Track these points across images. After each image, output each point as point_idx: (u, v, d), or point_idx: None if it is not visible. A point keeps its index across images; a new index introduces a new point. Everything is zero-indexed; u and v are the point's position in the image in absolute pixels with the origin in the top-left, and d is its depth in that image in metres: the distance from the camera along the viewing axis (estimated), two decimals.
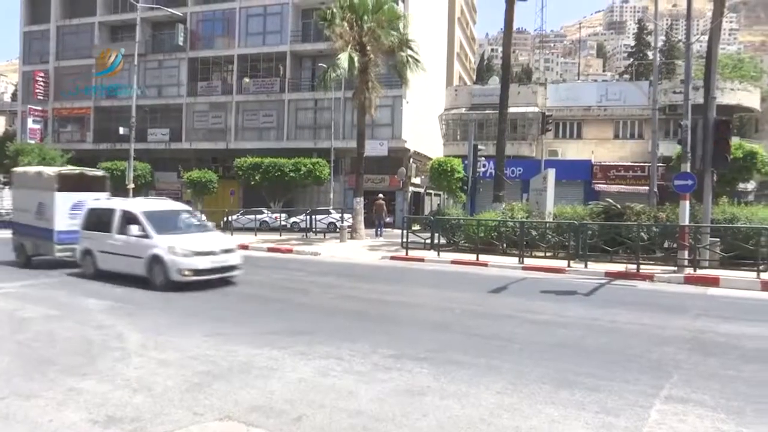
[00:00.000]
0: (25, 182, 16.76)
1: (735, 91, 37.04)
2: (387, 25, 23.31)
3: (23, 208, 16.35)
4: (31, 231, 15.76)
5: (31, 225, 15.73)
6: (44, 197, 15.44)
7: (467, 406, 5.24)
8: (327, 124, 36.78)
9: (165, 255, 11.78)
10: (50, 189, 15.36)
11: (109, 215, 13.30)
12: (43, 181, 15.76)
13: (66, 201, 15.25)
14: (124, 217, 12.87)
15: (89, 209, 14.25)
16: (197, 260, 11.85)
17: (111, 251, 12.94)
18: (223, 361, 6.58)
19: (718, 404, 5.27)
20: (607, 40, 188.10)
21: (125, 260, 12.58)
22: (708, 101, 15.11)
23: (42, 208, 15.49)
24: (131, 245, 12.38)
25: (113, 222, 13.02)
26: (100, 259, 13.35)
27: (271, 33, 40.16)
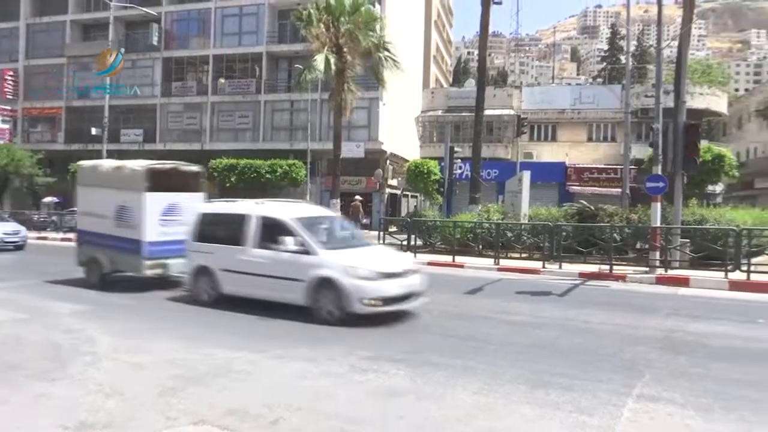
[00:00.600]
0: (97, 180, 13.09)
1: (704, 95, 37.91)
2: (364, 27, 23.31)
3: (95, 213, 12.78)
4: (107, 242, 12.39)
5: (108, 234, 12.34)
6: (128, 199, 12.07)
7: (444, 407, 5.27)
8: (303, 125, 36.61)
9: (341, 278, 8.72)
10: (137, 189, 12.00)
11: (239, 223, 10.08)
12: (126, 178, 12.35)
13: (157, 204, 12.03)
14: (268, 225, 9.78)
15: (203, 214, 11.08)
16: (386, 285, 8.82)
17: (245, 270, 9.74)
18: (199, 365, 6.51)
19: (687, 402, 5.38)
20: (581, 44, 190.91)
21: (270, 283, 9.45)
22: (678, 105, 15.42)
23: (124, 213, 12.14)
24: (282, 263, 9.29)
25: (248, 232, 9.87)
26: (226, 281, 10.10)
27: (247, 33, 39.84)
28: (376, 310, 8.69)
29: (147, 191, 11.95)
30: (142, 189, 11.96)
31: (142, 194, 11.91)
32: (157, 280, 12.24)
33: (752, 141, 49.37)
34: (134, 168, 12.39)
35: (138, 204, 11.94)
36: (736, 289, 12.59)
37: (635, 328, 8.79)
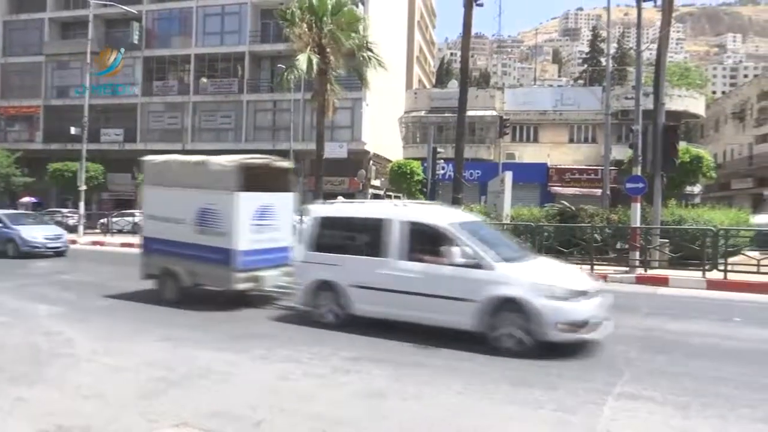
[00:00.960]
0: (171, 178, 11.10)
1: (682, 97, 38.47)
2: (347, 28, 23.28)
3: (169, 217, 10.85)
4: (186, 251, 10.50)
5: (188, 243, 10.48)
6: (214, 200, 10.26)
7: (428, 408, 5.29)
8: (286, 125, 36.44)
9: (531, 298, 7.13)
10: (226, 188, 10.14)
11: (376, 229, 8.39)
12: (212, 175, 10.42)
13: (250, 206, 10.23)
14: (418, 232, 8.19)
15: (323, 218, 9.20)
16: (582, 306, 7.26)
17: (388, 287, 8.09)
18: (181, 367, 6.46)
19: (666, 400, 5.46)
20: (563, 46, 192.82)
21: (424, 303, 7.79)
22: (657, 107, 15.65)
23: (209, 217, 10.28)
24: (442, 279, 7.69)
25: (390, 240, 8.18)
26: (359, 298, 8.35)
27: (230, 33, 39.57)
28: (573, 337, 7.15)
29: (239, 191, 10.05)
30: (232, 188, 10.03)
31: (234, 194, 10.01)
32: (234, 294, 10.53)
33: (729, 143, 50.29)
34: (222, 164, 10.43)
35: (228, 206, 10.06)
36: (713, 288, 12.80)
37: (615, 328, 8.87)
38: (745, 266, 13.99)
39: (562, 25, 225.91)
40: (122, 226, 29.59)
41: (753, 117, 46.42)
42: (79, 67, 37.05)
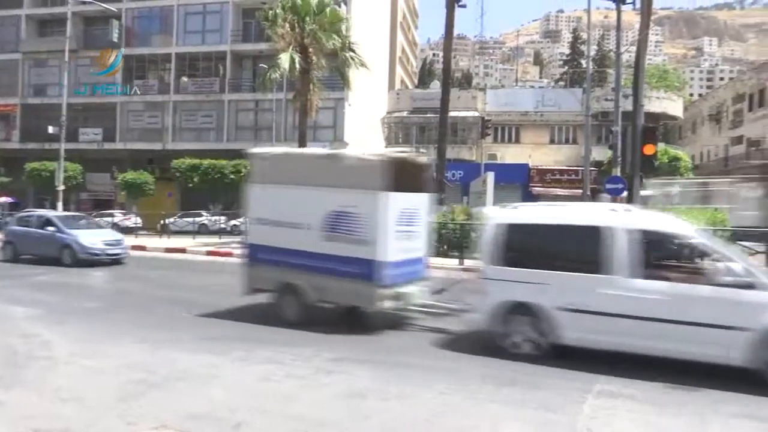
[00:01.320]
0: (290, 174, 9.22)
1: (661, 99, 39.06)
2: (329, 28, 23.23)
3: (286, 221, 8.99)
4: (311, 262, 8.73)
5: (312, 252, 8.72)
6: (350, 202, 8.47)
7: (410, 407, 5.29)
8: (268, 125, 36.24)
9: None
10: (368, 186, 8.35)
11: (591, 239, 6.90)
12: (349, 171, 8.66)
13: (395, 209, 8.50)
14: (656, 243, 6.96)
15: (510, 226, 7.57)
16: None
17: (616, 311, 6.58)
18: (160, 369, 6.38)
19: (646, 397, 5.53)
20: (544, 48, 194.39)
21: (673, 332, 6.31)
22: (636, 109, 15.85)
23: (343, 222, 8.49)
24: (701, 303, 6.27)
25: (613, 252, 6.69)
26: (573, 325, 6.80)
27: (211, 32, 39.25)
28: None
29: (387, 190, 8.30)
30: (378, 187, 8.27)
31: (380, 195, 8.25)
32: (358, 313, 9.08)
33: (705, 144, 51.13)
34: (364, 158, 8.76)
35: (371, 209, 8.29)
36: None
37: None
38: None
39: (543, 27, 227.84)
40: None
41: (728, 119, 47.24)
42: (57, 66, 36.50)
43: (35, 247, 17.13)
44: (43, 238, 16.71)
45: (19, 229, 17.79)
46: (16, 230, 17.90)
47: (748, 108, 44.06)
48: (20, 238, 17.42)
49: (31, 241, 17.12)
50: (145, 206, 34.73)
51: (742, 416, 5.13)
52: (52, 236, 16.52)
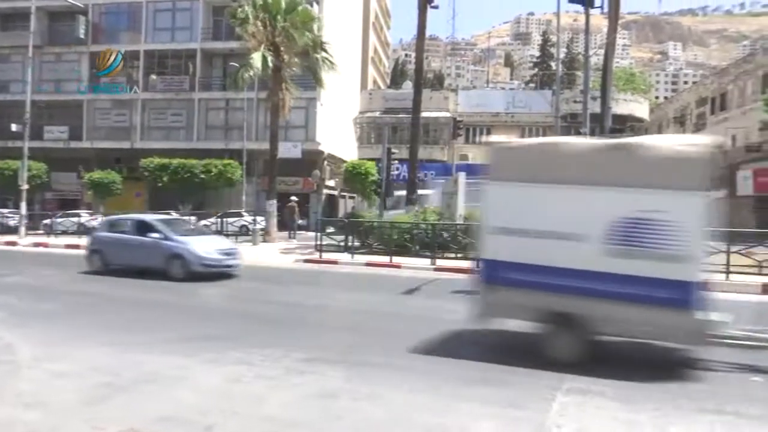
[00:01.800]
0: (553, 169, 7.24)
1: (628, 102, 39.94)
2: (301, 27, 23.14)
3: (548, 230, 7.06)
4: (591, 284, 6.78)
5: (592, 271, 6.78)
6: (654, 205, 6.58)
7: (380, 407, 5.30)
8: (239, 124, 35.90)
9: None
10: (682, 186, 6.49)
11: None
12: (651, 165, 6.65)
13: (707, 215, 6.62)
14: None
15: None
16: None
17: None
18: (127, 371, 6.26)
19: (614, 394, 5.64)
20: (514, 50, 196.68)
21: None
22: (604, 111, 16.17)
23: (641, 233, 6.61)
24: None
25: None
26: None
27: (181, 29, 38.69)
28: None
29: (706, 190, 6.56)
30: (696, 186, 6.48)
31: (699, 197, 6.46)
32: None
33: None
34: (678, 147, 6.74)
35: (686, 215, 6.47)
36: None
37: None
38: None
39: (514, 29, 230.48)
40: (67, 227, 28.57)
41: (692, 122, 48.47)
42: (21, 61, 35.59)
43: (132, 257, 14.40)
44: (144, 247, 14.05)
45: (109, 236, 15.16)
46: (105, 237, 15.26)
47: (710, 111, 45.28)
48: (111, 246, 14.77)
49: (127, 249, 14.41)
50: (112, 206, 34.02)
51: (702, 410, 5.28)
52: (156, 244, 13.86)
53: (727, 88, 43.20)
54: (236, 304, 11.52)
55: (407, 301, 11.59)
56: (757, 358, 6.80)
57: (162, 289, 12.58)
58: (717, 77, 47.32)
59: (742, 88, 41.02)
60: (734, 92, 42.11)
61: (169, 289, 12.51)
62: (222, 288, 12.94)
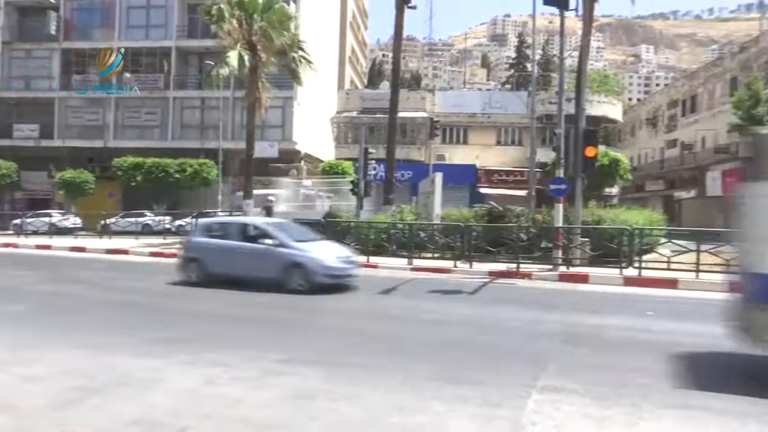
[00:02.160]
0: None
1: (601, 103, 40.50)
2: (278, 26, 23.02)
3: None
4: None
5: None
6: None
7: (357, 407, 5.29)
8: (215, 123, 35.56)
9: None
10: None
11: None
12: None
13: None
14: None
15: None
16: None
17: None
18: (100, 374, 6.16)
19: (587, 391, 5.71)
20: (491, 51, 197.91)
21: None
22: (578, 112, 16.36)
23: None
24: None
25: None
26: None
27: (155, 27, 38.19)
28: None
29: None
30: None
31: None
32: None
33: (643, 147, 53.33)
34: None
35: None
36: (629, 284, 13.52)
37: (540, 323, 9.23)
38: (657, 263, 14.87)
39: (491, 30, 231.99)
40: (38, 227, 28.01)
41: (664, 123, 49.43)
42: None
43: (238, 266, 12.65)
44: (255, 255, 12.40)
45: (210, 242, 13.30)
46: (205, 243, 13.36)
47: (681, 113, 46.23)
48: (212, 254, 12.96)
49: (233, 257, 12.71)
50: (84, 206, 33.49)
51: (672, 406, 5.38)
52: (270, 252, 12.25)
53: (697, 91, 44.13)
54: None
55: (384, 301, 11.60)
56: None
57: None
58: (687, 80, 48.32)
59: (711, 91, 41.94)
60: (704, 95, 43.05)
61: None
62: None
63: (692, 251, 14.17)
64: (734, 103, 30.66)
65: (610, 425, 4.92)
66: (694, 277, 13.48)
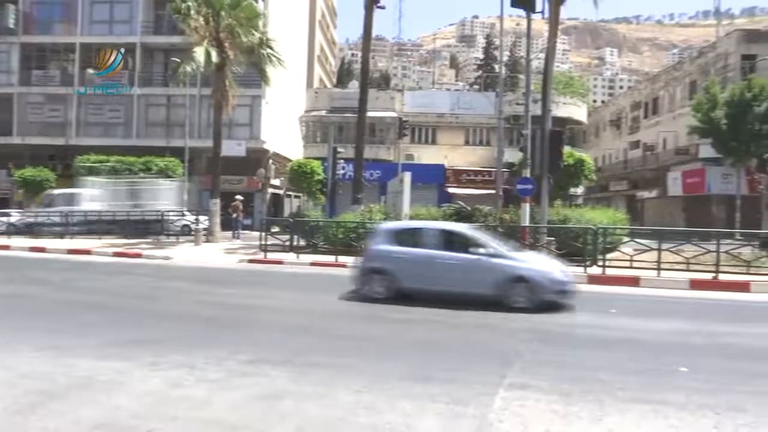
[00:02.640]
0: None
1: (567, 105, 41.18)
2: (246, 23, 22.77)
3: None
4: None
5: None
6: None
7: (325, 407, 5.28)
8: (181, 121, 34.93)
9: None
10: None
11: None
12: None
13: None
14: None
15: None
16: None
17: None
18: (61, 377, 6.00)
19: (552, 388, 5.81)
20: (460, 52, 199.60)
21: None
22: (545, 114, 16.63)
23: None
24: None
25: None
26: None
27: (119, 22, 37.31)
28: None
29: None
30: None
31: None
32: None
33: (607, 148, 54.46)
34: None
35: None
36: (594, 282, 13.80)
37: (507, 322, 9.35)
38: (620, 262, 15.23)
39: (459, 31, 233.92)
40: None
41: (627, 125, 50.58)
42: None
43: (441, 280, 10.89)
44: (464, 266, 10.74)
45: (403, 251, 11.35)
46: (395, 252, 11.37)
47: (644, 115, 47.38)
48: (405, 264, 11.14)
49: (434, 269, 10.91)
50: None
51: (634, 400, 5.52)
52: (484, 263, 10.62)
53: (659, 94, 45.27)
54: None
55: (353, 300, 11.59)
56: None
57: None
58: (650, 83, 49.52)
59: (672, 94, 43.07)
60: (665, 98, 44.19)
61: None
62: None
63: (654, 250, 14.55)
64: (693, 106, 31.55)
65: (574, 421, 5.02)
66: (656, 275, 13.84)
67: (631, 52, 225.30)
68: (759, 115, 28.21)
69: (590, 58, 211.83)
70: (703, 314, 10.67)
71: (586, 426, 4.95)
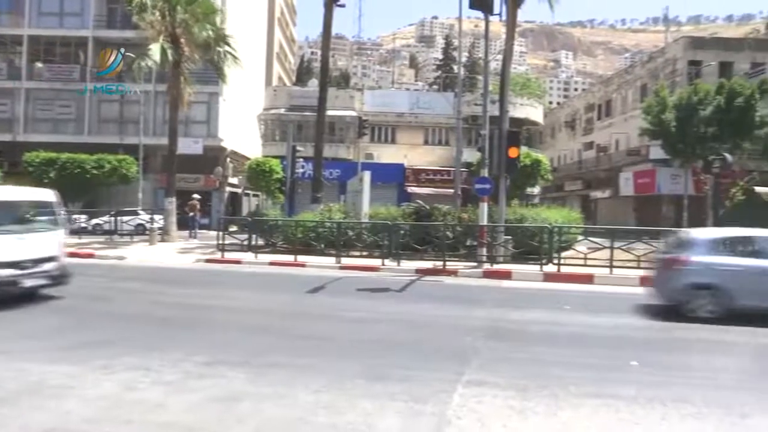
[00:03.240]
0: None
1: (524, 106, 41.94)
2: (202, 19, 22.36)
3: None
4: None
5: None
6: None
7: (284, 408, 5.25)
8: (135, 118, 34.04)
9: None
10: None
11: None
12: None
13: None
14: None
15: None
16: None
17: None
18: (10, 383, 5.78)
19: (509, 384, 5.93)
20: (419, 52, 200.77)
21: None
22: (502, 114, 16.90)
23: None
24: None
25: None
26: None
27: (70, 15, 36.11)
28: None
29: None
30: None
31: None
32: None
33: (562, 149, 55.73)
34: None
35: None
36: (549, 280, 14.12)
37: (465, 319, 9.48)
38: (575, 260, 15.62)
39: (419, 31, 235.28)
40: None
41: (581, 126, 51.86)
42: None
43: None
44: None
45: (737, 264, 9.59)
46: (727, 265, 9.59)
47: (597, 117, 48.68)
48: (742, 280, 9.39)
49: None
50: None
51: (587, 395, 5.68)
52: None
53: (612, 97, 46.58)
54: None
55: (312, 299, 11.55)
56: None
57: None
58: (603, 86, 50.89)
59: (624, 96, 44.38)
60: (618, 100, 45.49)
61: None
62: None
63: (607, 248, 14.97)
64: (644, 109, 32.57)
65: (531, 416, 5.14)
66: (609, 273, 14.25)
67: (585, 55, 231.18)
68: (704, 119, 29.33)
69: (546, 60, 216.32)
70: (654, 310, 11.04)
71: (541, 421, 5.06)
